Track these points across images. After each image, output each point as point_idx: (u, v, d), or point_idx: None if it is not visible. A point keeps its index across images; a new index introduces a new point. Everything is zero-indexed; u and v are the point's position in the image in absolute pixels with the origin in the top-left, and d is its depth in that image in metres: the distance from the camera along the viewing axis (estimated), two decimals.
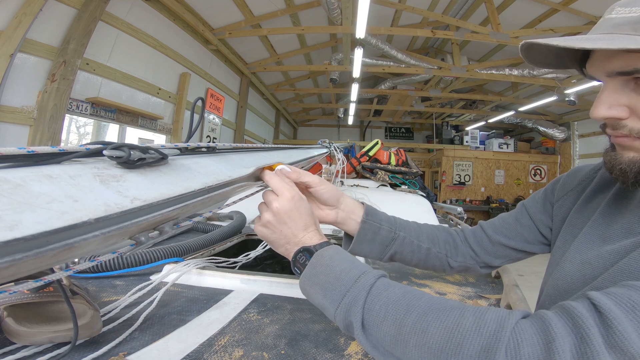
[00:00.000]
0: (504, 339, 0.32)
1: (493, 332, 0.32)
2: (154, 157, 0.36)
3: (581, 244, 0.49)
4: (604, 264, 0.43)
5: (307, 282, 0.45)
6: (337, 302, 0.41)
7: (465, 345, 0.33)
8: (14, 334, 0.47)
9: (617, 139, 0.43)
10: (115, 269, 0.86)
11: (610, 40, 0.38)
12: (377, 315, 0.38)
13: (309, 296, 0.45)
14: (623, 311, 0.31)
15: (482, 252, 0.66)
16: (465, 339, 0.33)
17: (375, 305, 0.39)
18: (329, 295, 0.42)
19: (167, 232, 0.36)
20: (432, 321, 0.36)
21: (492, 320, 0.34)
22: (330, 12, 4.02)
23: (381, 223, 0.63)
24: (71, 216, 0.23)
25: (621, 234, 0.44)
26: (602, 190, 0.54)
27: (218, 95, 5.02)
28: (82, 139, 3.48)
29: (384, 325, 0.38)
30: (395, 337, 0.37)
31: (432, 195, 2.42)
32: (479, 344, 0.32)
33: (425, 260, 0.65)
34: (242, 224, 1.41)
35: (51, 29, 2.54)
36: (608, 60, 0.41)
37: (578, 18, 4.35)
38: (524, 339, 0.31)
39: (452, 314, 0.35)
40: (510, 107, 7.61)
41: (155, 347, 0.53)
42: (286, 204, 0.49)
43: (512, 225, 0.65)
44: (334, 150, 1.64)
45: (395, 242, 0.63)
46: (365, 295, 0.40)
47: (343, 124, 10.19)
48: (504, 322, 0.33)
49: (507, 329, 0.32)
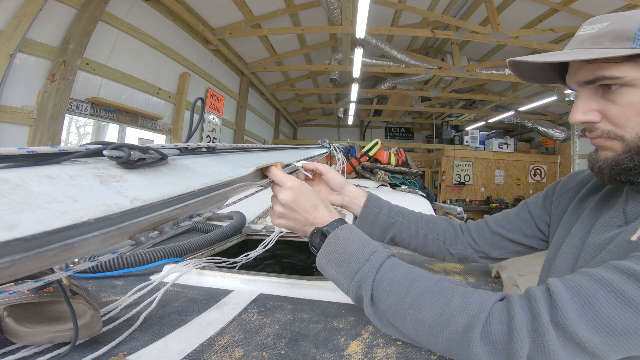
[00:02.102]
0: (482, 319, 0.38)
1: (474, 313, 0.38)
2: (154, 157, 0.36)
3: (572, 239, 0.54)
4: (585, 256, 0.48)
5: (324, 259, 0.50)
6: (350, 278, 0.47)
7: (452, 322, 0.39)
8: (14, 334, 0.47)
9: (594, 141, 0.49)
10: (115, 269, 0.85)
11: (572, 54, 0.44)
12: (383, 292, 0.45)
13: (325, 272, 0.51)
14: (569, 293, 0.36)
15: (481, 242, 0.72)
16: (452, 317, 0.39)
17: (382, 283, 0.45)
18: (343, 271, 0.48)
19: (167, 232, 0.36)
20: (426, 300, 0.42)
21: (475, 302, 0.40)
22: (330, 12, 4.02)
23: (381, 209, 0.72)
24: (71, 216, 0.23)
25: (602, 228, 0.49)
26: (596, 190, 0.59)
27: (218, 95, 5.02)
28: (82, 139, 3.48)
29: (388, 301, 0.44)
30: (396, 312, 0.43)
31: (432, 195, 2.41)
32: (463, 322, 0.38)
33: (423, 246, 0.73)
34: (242, 224, 1.41)
35: (51, 29, 2.54)
36: (577, 71, 0.47)
37: (578, 18, 4.35)
38: (495, 317, 0.38)
39: (444, 295, 0.41)
40: (510, 107, 7.61)
41: (155, 347, 0.53)
42: (289, 192, 0.55)
43: (513, 219, 0.71)
44: (334, 150, 1.64)
45: (394, 226, 0.71)
46: (374, 273, 0.46)
47: (343, 124, 10.18)
48: (485, 303, 0.39)
49: (486, 309, 0.38)
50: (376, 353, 0.55)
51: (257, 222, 1.54)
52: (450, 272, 1.00)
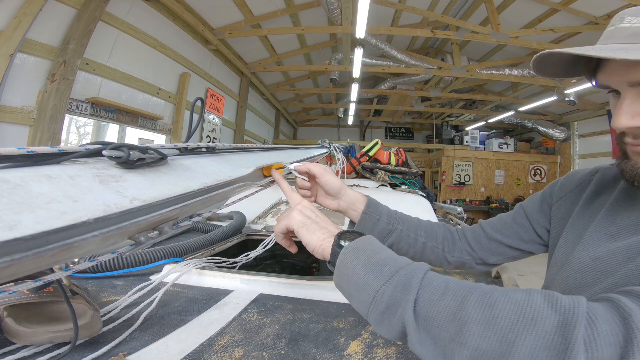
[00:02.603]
0: (582, 315, 0.30)
1: (569, 308, 0.31)
2: (154, 157, 0.36)
3: (589, 243, 0.50)
4: (616, 259, 0.44)
5: (350, 255, 0.42)
6: (385, 278, 0.38)
7: (540, 320, 0.30)
8: (14, 334, 0.47)
9: (638, 148, 0.43)
10: (115, 269, 0.86)
11: (633, 51, 0.39)
12: (436, 291, 0.35)
13: (346, 269, 0.41)
14: None
15: (478, 248, 0.68)
16: (539, 314, 0.31)
17: (433, 282, 0.37)
18: (375, 270, 0.39)
19: (167, 232, 0.36)
20: (499, 297, 0.33)
21: (563, 298, 0.32)
22: (330, 12, 4.02)
23: (380, 215, 0.67)
24: (70, 216, 0.23)
25: (630, 230, 0.46)
26: (604, 191, 0.56)
27: (218, 95, 5.02)
28: (82, 139, 3.47)
29: (443, 301, 0.34)
30: (454, 314, 0.33)
31: (432, 195, 2.41)
32: (555, 319, 0.30)
33: (421, 254, 0.68)
34: (242, 224, 1.41)
35: (51, 29, 2.54)
36: (628, 70, 0.41)
37: (578, 18, 4.35)
38: (599, 316, 0.30)
39: (518, 293, 0.33)
40: (510, 107, 7.60)
41: (155, 347, 0.53)
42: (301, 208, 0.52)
43: (509, 224, 0.67)
44: (334, 150, 1.64)
45: (393, 234, 0.66)
46: (423, 272, 0.38)
47: (343, 124, 10.18)
48: (578, 300, 0.32)
49: (583, 306, 0.31)
50: (376, 353, 0.55)
51: (257, 222, 1.54)
52: (450, 273, 1.00)
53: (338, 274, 0.42)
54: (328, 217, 0.53)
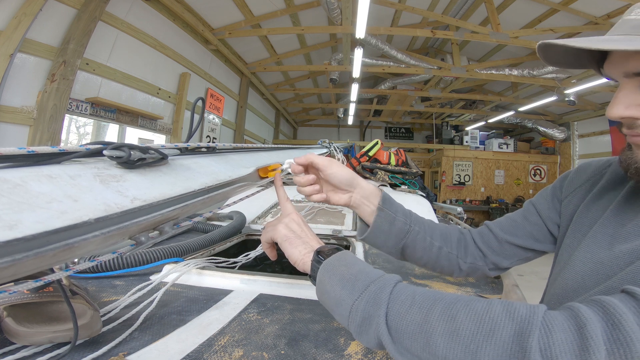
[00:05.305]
0: (537, 324, 0.31)
1: (525, 317, 0.32)
2: (154, 157, 0.36)
3: (592, 243, 0.49)
4: (617, 263, 0.43)
5: (326, 273, 0.43)
6: (357, 293, 0.40)
7: (498, 330, 0.32)
8: (14, 334, 0.47)
9: (633, 138, 0.44)
10: (115, 269, 0.85)
11: (628, 42, 0.39)
12: (403, 304, 0.37)
13: (324, 286, 0.43)
14: None
15: (490, 253, 0.63)
16: (496, 324, 0.32)
17: (401, 295, 0.38)
18: (349, 286, 0.41)
19: (167, 232, 0.36)
20: (460, 309, 0.34)
21: (521, 307, 0.33)
22: (330, 12, 4.02)
23: (396, 213, 0.61)
24: (71, 216, 0.23)
25: (636, 233, 0.44)
26: (613, 187, 0.53)
27: (218, 95, 5.02)
28: (82, 139, 3.47)
29: (410, 314, 0.36)
30: (420, 326, 0.35)
31: (432, 195, 2.41)
32: (511, 329, 0.31)
33: (435, 260, 0.63)
34: (242, 224, 1.41)
35: (51, 29, 2.54)
36: (626, 61, 0.42)
37: (578, 18, 4.35)
38: (555, 324, 0.31)
39: (479, 303, 0.35)
40: (510, 107, 7.61)
41: (155, 347, 0.53)
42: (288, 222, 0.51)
43: (520, 223, 0.63)
44: (334, 150, 1.64)
45: (409, 235, 0.61)
46: (392, 286, 0.39)
47: (343, 124, 10.19)
48: (535, 309, 0.33)
49: (539, 314, 0.32)
50: (376, 353, 0.55)
51: (257, 222, 1.54)
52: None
53: (318, 289, 0.44)
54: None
